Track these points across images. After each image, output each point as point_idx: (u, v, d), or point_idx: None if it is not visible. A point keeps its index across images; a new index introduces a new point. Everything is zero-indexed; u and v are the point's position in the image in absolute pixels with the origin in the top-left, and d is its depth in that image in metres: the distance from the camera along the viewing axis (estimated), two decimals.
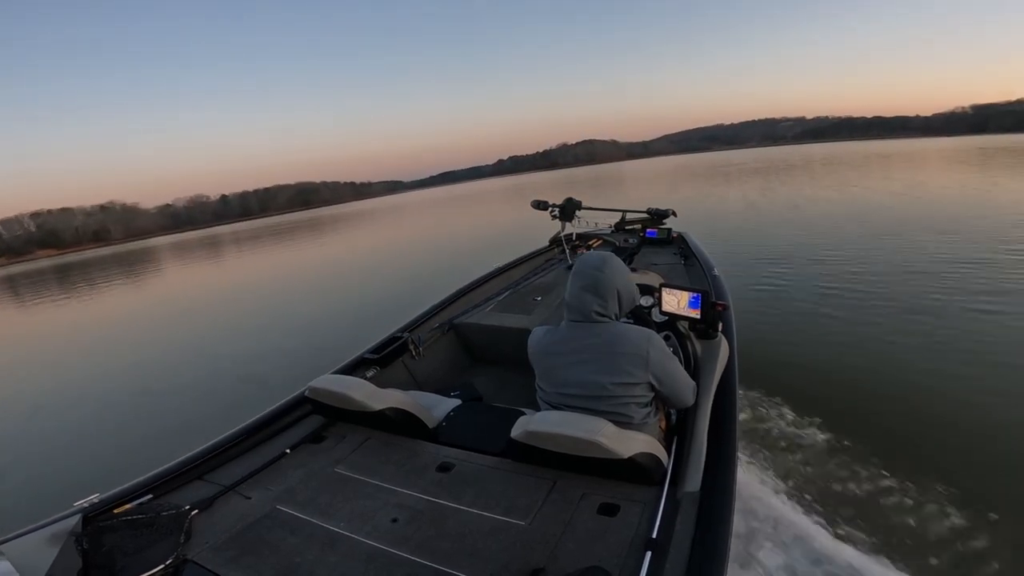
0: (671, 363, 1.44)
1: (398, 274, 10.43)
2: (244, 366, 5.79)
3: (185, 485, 1.57)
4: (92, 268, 30.92)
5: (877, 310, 4.80)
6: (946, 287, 5.22)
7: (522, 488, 1.39)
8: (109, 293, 16.24)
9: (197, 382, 5.53)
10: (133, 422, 4.68)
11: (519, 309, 2.90)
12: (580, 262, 1.50)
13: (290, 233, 32.82)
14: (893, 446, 2.68)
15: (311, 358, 5.42)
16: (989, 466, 2.54)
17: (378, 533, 1.27)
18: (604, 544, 1.16)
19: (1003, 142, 43.40)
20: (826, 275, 6.10)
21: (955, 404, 3.10)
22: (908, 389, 3.33)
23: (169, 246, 48.20)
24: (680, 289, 1.89)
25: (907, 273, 5.85)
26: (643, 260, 3.71)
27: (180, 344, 7.57)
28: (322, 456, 1.68)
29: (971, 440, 2.76)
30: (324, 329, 6.84)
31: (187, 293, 14.05)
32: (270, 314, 8.71)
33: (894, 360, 3.76)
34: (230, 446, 1.71)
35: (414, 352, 2.58)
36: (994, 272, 5.54)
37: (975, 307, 4.60)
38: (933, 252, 6.64)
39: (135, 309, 12.44)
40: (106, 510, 1.38)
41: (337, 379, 1.76)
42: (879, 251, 7.06)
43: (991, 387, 3.25)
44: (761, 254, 7.55)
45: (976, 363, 3.59)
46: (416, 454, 1.62)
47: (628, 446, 1.27)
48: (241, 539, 1.30)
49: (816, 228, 9.22)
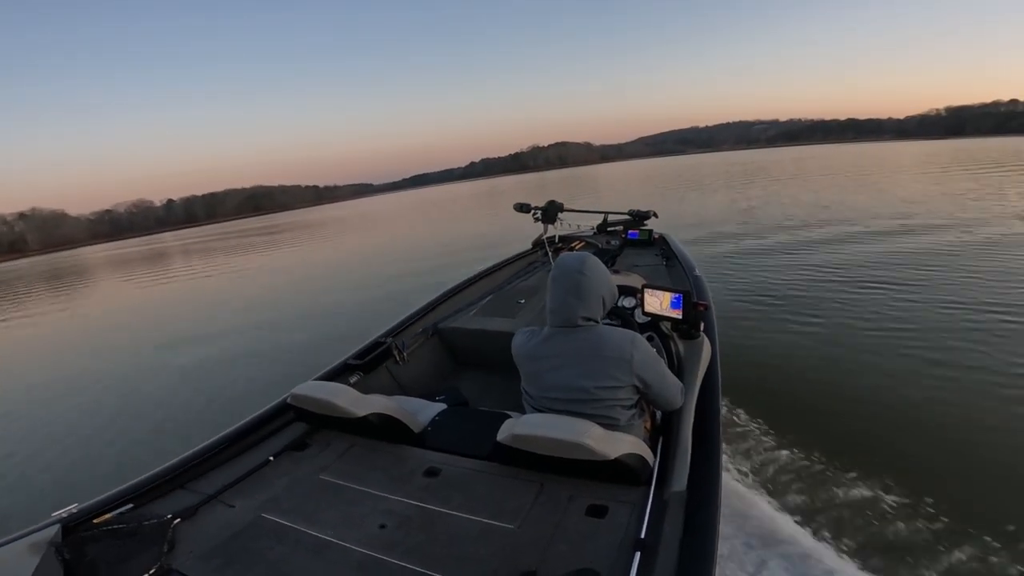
0: (657, 365, 1.45)
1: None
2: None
3: (167, 494, 1.54)
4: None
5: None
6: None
7: (510, 491, 1.40)
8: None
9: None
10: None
11: (503, 312, 2.93)
12: (559, 265, 1.50)
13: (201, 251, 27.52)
14: (861, 444, 2.80)
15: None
16: (969, 469, 2.59)
17: (366, 540, 1.27)
18: (594, 546, 1.18)
19: (977, 147, 39.26)
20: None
21: (912, 399, 3.28)
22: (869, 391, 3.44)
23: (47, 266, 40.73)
24: (662, 290, 1.89)
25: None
26: (625, 261, 3.67)
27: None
28: (306, 463, 1.66)
29: (935, 434, 2.90)
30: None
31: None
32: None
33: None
34: (212, 454, 1.69)
35: (398, 357, 2.56)
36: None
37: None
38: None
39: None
40: (86, 520, 1.35)
41: (320, 385, 1.76)
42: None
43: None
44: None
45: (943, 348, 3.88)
46: (402, 459, 1.62)
47: (614, 447, 1.28)
48: (226, 548, 1.28)
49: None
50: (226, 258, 20.70)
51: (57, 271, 30.30)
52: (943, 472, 2.53)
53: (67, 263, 39.02)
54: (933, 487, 2.37)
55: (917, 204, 11.24)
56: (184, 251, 30.14)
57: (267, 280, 12.90)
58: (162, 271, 19.70)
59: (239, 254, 21.61)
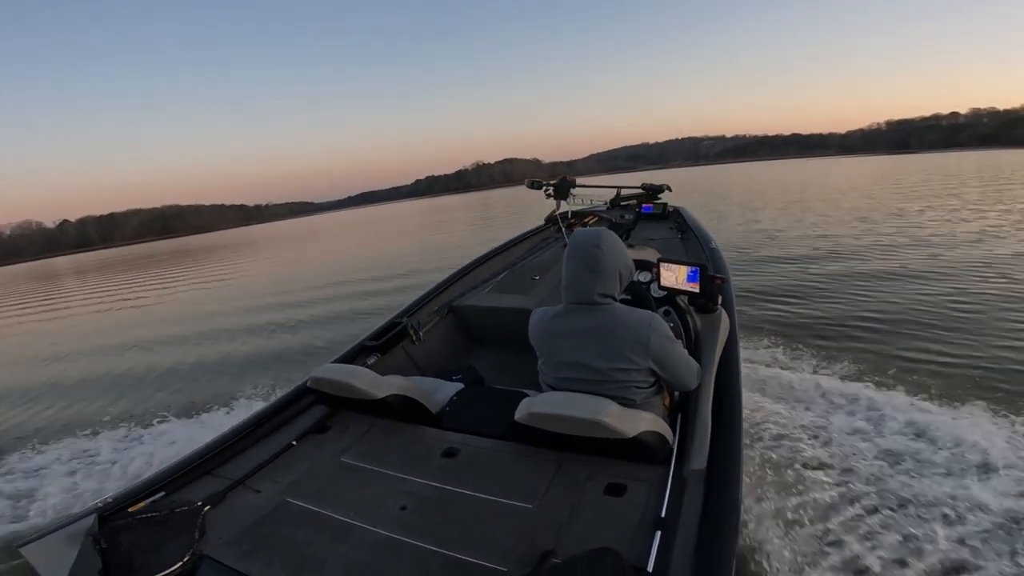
0: (673, 347, 1.45)
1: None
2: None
3: (195, 480, 1.58)
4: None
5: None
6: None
7: (527, 471, 1.42)
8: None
9: None
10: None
11: (517, 289, 2.96)
12: (574, 241, 1.49)
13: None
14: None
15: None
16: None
17: (387, 521, 1.30)
18: (612, 525, 1.19)
19: (917, 165, 34.69)
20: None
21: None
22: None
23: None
24: (678, 264, 1.87)
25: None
26: (639, 235, 3.69)
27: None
28: (328, 446, 1.70)
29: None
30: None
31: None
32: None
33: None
34: (237, 439, 1.74)
35: (414, 337, 2.58)
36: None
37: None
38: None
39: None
40: (120, 509, 1.39)
41: (338, 368, 1.81)
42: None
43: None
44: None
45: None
46: (420, 440, 1.66)
47: (633, 425, 1.29)
48: (254, 533, 1.33)
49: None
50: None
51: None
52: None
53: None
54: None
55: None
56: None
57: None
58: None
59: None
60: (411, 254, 13.87)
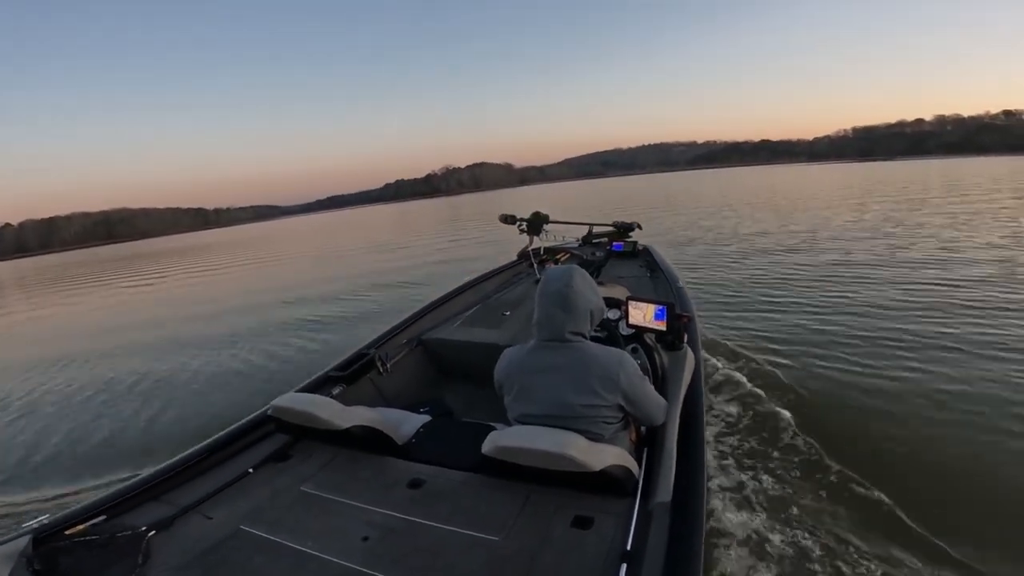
0: (642, 384, 1.49)
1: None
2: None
3: (141, 506, 1.54)
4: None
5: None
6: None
7: (495, 503, 1.42)
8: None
9: None
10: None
11: (488, 324, 2.98)
12: (546, 279, 1.53)
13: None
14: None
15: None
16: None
17: (349, 552, 1.28)
18: (580, 557, 1.20)
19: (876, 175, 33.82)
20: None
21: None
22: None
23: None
24: (646, 302, 1.93)
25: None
26: (609, 273, 3.81)
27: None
28: (288, 474, 1.66)
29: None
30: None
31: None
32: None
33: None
34: (188, 465, 1.69)
35: (381, 368, 2.58)
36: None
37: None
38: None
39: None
40: (57, 531, 1.36)
41: (301, 397, 1.78)
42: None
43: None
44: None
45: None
46: (386, 471, 1.64)
47: (599, 459, 1.32)
48: (204, 560, 1.29)
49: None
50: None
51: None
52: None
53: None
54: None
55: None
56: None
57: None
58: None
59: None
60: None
